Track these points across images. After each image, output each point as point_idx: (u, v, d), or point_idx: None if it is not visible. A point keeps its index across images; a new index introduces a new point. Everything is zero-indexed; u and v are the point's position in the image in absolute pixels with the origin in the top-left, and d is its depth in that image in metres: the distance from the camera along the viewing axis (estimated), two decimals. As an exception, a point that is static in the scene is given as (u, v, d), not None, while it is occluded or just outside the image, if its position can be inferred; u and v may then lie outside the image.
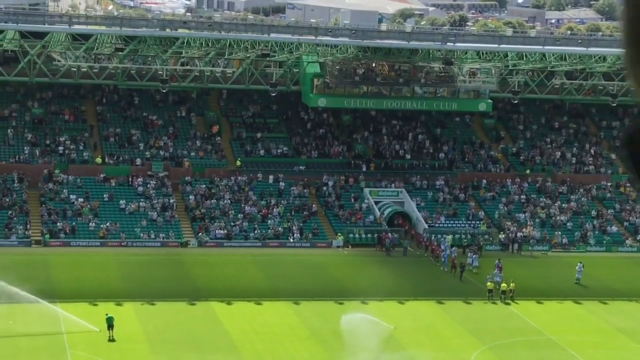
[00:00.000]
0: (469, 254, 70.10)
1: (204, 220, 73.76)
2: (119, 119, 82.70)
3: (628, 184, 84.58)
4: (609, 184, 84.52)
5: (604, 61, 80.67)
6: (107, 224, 71.58)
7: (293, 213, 76.17)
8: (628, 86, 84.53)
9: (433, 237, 73.74)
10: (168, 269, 65.69)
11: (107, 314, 52.46)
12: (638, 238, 78.73)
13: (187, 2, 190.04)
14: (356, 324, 53.02)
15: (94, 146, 79.25)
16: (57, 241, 69.52)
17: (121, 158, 78.61)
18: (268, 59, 77.20)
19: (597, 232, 78.70)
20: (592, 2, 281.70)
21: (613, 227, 79.39)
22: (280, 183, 78.87)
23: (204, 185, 77.38)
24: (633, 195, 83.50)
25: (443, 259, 69.20)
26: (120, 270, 65.02)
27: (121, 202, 74.19)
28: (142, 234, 71.34)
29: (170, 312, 56.95)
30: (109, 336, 51.68)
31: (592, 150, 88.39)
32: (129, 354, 50.42)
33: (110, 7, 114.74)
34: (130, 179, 76.60)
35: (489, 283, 63.21)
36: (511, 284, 62.91)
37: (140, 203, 74.26)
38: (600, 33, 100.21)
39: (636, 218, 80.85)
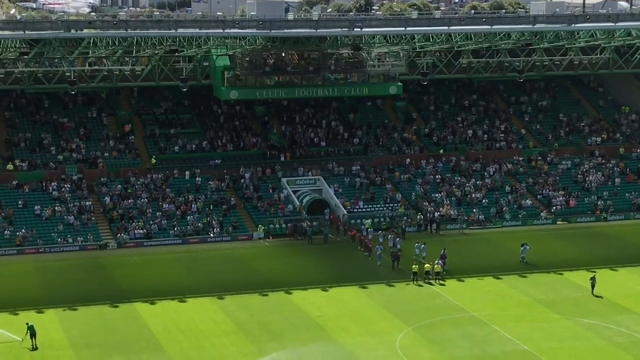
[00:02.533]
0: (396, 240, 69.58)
1: (122, 221, 73.05)
2: (29, 123, 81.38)
3: (539, 158, 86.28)
4: (520, 159, 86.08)
5: (509, 38, 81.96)
6: (23, 231, 70.46)
7: (212, 208, 75.93)
8: (533, 61, 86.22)
9: (353, 222, 74.53)
10: (88, 273, 64.99)
11: (27, 323, 51.73)
12: (552, 210, 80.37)
13: (91, 1, 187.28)
14: None
15: (4, 153, 77.84)
16: (-28, 252, 68.19)
17: (33, 163, 77.38)
18: (177, 54, 76.66)
19: (512, 206, 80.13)
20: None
21: (527, 200, 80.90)
22: (197, 178, 78.54)
23: (120, 186, 76.63)
24: (545, 168, 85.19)
25: (378, 252, 67.76)
26: (40, 277, 64.12)
27: (36, 208, 73.04)
28: (59, 239, 70.39)
29: (93, 316, 56.36)
30: (32, 345, 50.98)
31: (502, 127, 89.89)
32: (53, 361, 49.85)
33: (13, 11, 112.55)
34: (44, 184, 75.45)
35: (414, 265, 63.95)
36: (436, 266, 63.76)
37: (56, 208, 73.20)
38: (504, 10, 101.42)
39: (549, 191, 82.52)
